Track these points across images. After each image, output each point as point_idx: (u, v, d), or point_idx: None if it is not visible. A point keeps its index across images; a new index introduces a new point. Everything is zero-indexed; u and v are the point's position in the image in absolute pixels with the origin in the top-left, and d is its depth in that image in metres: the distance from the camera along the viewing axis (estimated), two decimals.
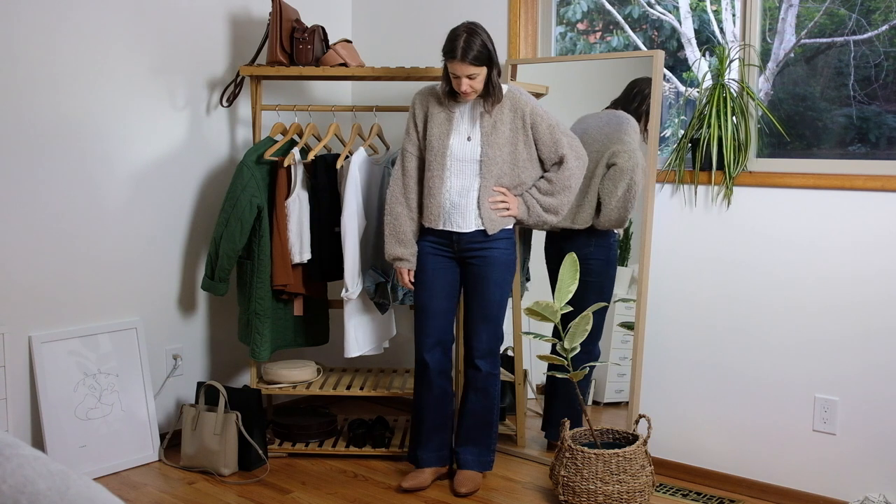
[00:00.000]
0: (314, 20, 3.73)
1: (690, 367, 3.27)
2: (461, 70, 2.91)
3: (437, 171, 3.05)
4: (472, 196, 3.04)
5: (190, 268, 3.68)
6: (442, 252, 3.12)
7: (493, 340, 3.16)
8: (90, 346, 3.32)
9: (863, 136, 3.08)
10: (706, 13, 3.45)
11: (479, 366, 3.15)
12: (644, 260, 3.22)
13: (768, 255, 3.08)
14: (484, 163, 3.02)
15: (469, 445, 3.21)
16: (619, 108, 3.32)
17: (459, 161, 3.04)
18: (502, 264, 3.10)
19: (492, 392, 3.18)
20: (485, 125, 3.03)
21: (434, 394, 3.20)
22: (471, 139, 3.04)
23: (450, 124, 3.06)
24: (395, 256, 3.15)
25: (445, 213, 3.05)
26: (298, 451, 3.52)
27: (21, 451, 1.38)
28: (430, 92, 3.13)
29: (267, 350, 3.44)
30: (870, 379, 2.91)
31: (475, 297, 3.13)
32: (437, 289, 3.14)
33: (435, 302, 3.15)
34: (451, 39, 2.93)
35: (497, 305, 3.13)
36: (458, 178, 3.04)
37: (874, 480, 2.91)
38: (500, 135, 3.02)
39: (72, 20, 3.20)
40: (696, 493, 3.18)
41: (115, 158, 3.39)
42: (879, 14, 3.01)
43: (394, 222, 3.14)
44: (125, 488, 3.17)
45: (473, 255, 3.09)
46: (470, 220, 3.05)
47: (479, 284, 3.10)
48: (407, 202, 3.13)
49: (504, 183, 3.05)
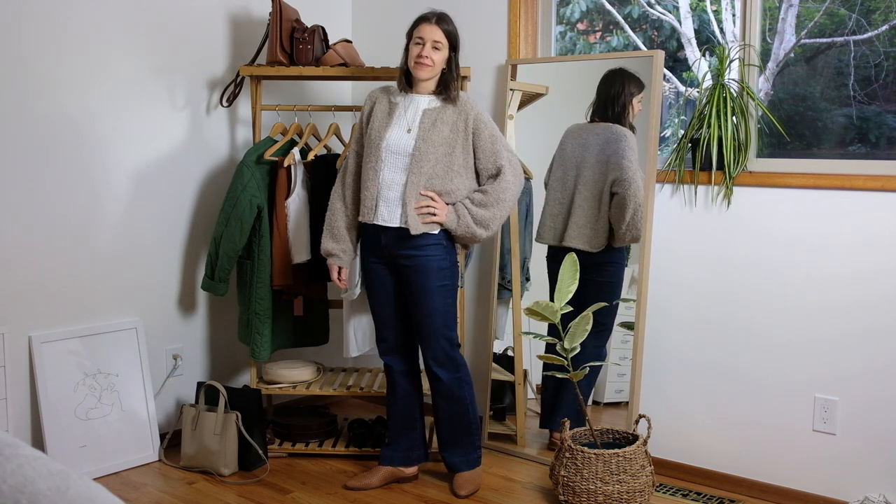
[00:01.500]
0: (314, 20, 3.73)
1: (690, 367, 3.27)
2: (429, 33, 2.94)
3: (371, 162, 3.00)
4: (398, 190, 2.97)
5: (190, 268, 3.68)
6: (377, 259, 3.07)
7: (447, 347, 3.07)
8: (90, 346, 3.32)
9: (863, 136, 3.08)
10: (706, 13, 3.45)
11: (438, 375, 3.09)
12: (644, 260, 3.22)
13: (768, 255, 3.08)
14: (415, 157, 2.94)
15: (454, 448, 3.19)
16: (609, 121, 3.32)
17: (394, 154, 2.98)
18: (435, 271, 2.99)
19: (459, 395, 3.12)
20: (425, 121, 2.98)
21: (399, 395, 3.20)
22: (410, 131, 2.99)
23: (390, 117, 3.03)
24: (326, 251, 3.13)
25: (375, 206, 2.99)
26: (298, 451, 3.52)
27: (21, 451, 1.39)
28: (381, 90, 3.14)
29: (267, 350, 3.44)
30: (870, 379, 2.91)
31: (415, 308, 3.05)
32: (382, 296, 3.12)
33: (382, 309, 3.14)
34: (423, 12, 3.00)
35: (440, 313, 3.03)
36: (389, 171, 2.98)
37: (874, 480, 2.91)
38: (439, 133, 2.96)
39: (72, 20, 3.20)
40: (696, 493, 3.18)
41: (116, 158, 3.39)
42: (879, 14, 3.01)
43: (329, 217, 3.13)
44: (125, 488, 3.17)
45: (403, 261, 3.01)
46: (395, 214, 2.98)
47: (415, 294, 3.03)
48: (344, 198, 3.12)
49: (435, 185, 2.95)
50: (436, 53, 2.95)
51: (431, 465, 3.38)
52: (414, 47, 2.97)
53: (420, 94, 3.04)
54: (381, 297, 3.13)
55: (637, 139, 3.27)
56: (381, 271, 3.09)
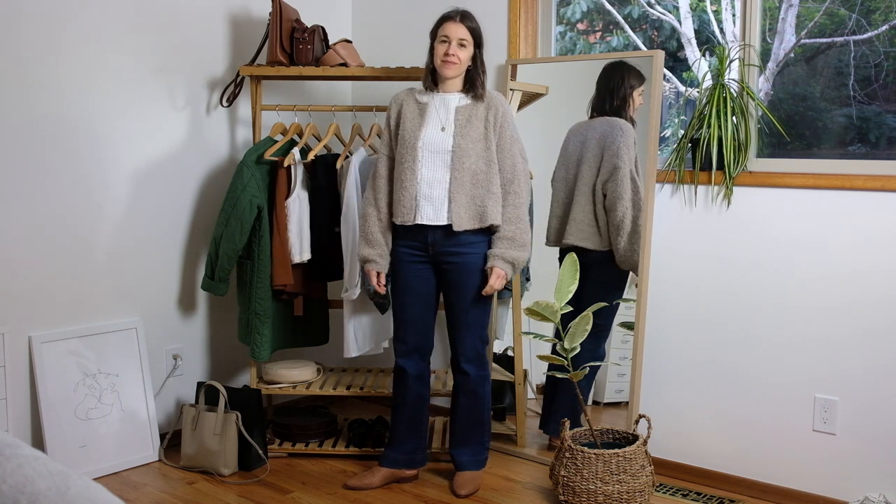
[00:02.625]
0: (314, 20, 3.73)
1: (690, 367, 3.27)
2: (454, 31, 2.95)
3: (408, 162, 3.01)
4: (443, 188, 2.99)
5: (190, 268, 3.68)
6: (418, 258, 3.08)
7: (479, 344, 3.14)
8: (90, 346, 3.32)
9: (863, 136, 3.08)
10: (706, 13, 3.45)
11: (466, 370, 3.13)
12: (644, 260, 3.22)
13: (768, 255, 3.08)
14: (456, 154, 2.98)
15: (464, 447, 3.21)
16: (607, 114, 3.32)
17: (431, 152, 3.00)
18: (477, 270, 3.05)
19: (481, 392, 3.17)
20: (459, 118, 3.01)
21: (409, 399, 3.19)
22: (444, 129, 3.01)
23: (423, 117, 3.05)
24: (364, 258, 3.14)
25: (416, 205, 3.01)
26: (298, 451, 3.52)
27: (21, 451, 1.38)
28: (406, 92, 3.15)
29: (267, 350, 3.44)
30: (870, 379, 2.91)
31: (454, 305, 3.10)
32: (414, 297, 3.12)
33: (410, 310, 3.13)
34: (447, 11, 3.02)
35: (478, 311, 3.10)
36: (428, 169, 3.00)
37: (874, 480, 2.91)
38: (475, 129, 3.00)
39: (72, 21, 3.20)
40: (696, 493, 3.18)
41: (116, 158, 3.39)
42: (879, 14, 3.01)
43: (364, 224, 3.14)
44: (125, 488, 3.17)
45: (449, 258, 3.04)
46: (441, 212, 3.00)
47: (457, 291, 3.07)
48: (376, 203, 3.12)
49: (480, 181, 2.99)
50: (461, 51, 2.97)
51: (431, 464, 3.38)
52: (440, 46, 2.98)
53: (448, 92, 3.06)
54: (413, 298, 3.12)
55: (637, 137, 3.26)
56: (423, 271, 3.09)
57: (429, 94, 3.07)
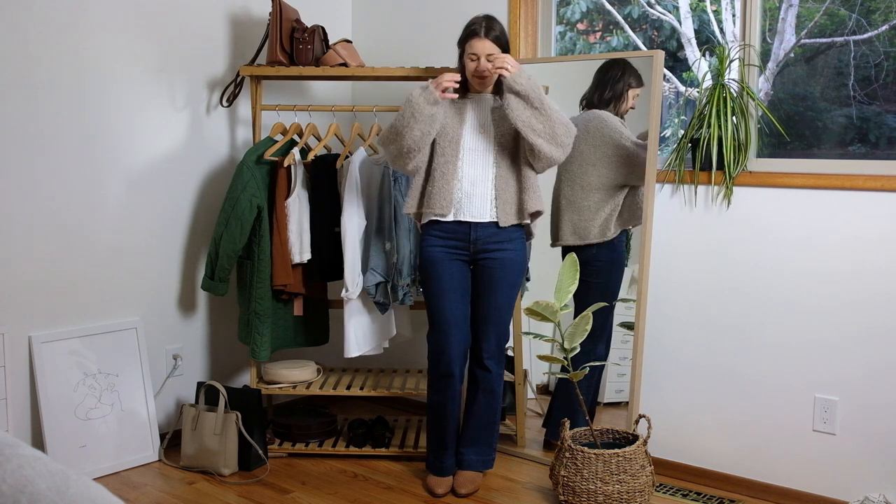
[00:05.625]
0: (314, 20, 3.73)
1: (690, 367, 3.27)
2: (482, 48, 2.95)
3: (450, 157, 3.03)
4: (487, 186, 3.03)
5: (190, 268, 3.68)
6: (458, 255, 3.07)
7: (502, 340, 3.17)
8: (90, 346, 3.32)
9: (863, 136, 3.08)
10: (706, 13, 3.45)
11: (489, 366, 3.14)
12: (644, 260, 3.22)
13: (768, 255, 3.08)
14: (498, 152, 3.03)
15: (474, 446, 3.21)
16: (595, 107, 3.32)
17: (472, 151, 3.04)
18: (516, 265, 3.08)
19: (497, 390, 3.19)
20: (495, 117, 3.05)
21: (455, 401, 3.17)
22: (484, 130, 3.05)
23: (460, 116, 3.07)
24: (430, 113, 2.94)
25: (457, 203, 3.03)
26: (298, 451, 3.52)
27: (21, 451, 1.38)
28: None
29: (267, 350, 3.44)
30: (870, 379, 2.91)
31: (485, 299, 3.10)
32: (456, 294, 3.09)
33: (452, 309, 3.07)
34: (471, 24, 3.01)
35: (507, 307, 3.13)
36: (470, 168, 3.04)
37: (874, 480, 2.91)
38: (510, 126, 3.02)
39: (73, 21, 3.20)
40: (696, 493, 3.18)
41: (115, 158, 3.39)
42: (879, 14, 3.01)
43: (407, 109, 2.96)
44: (125, 488, 3.17)
45: (490, 255, 3.06)
46: (485, 210, 3.03)
47: (491, 286, 3.08)
48: None
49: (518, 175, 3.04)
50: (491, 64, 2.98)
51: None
52: (469, 63, 3.00)
53: (482, 93, 3.09)
54: (455, 295, 3.08)
55: (637, 137, 3.26)
56: (462, 269, 3.10)
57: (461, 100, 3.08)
